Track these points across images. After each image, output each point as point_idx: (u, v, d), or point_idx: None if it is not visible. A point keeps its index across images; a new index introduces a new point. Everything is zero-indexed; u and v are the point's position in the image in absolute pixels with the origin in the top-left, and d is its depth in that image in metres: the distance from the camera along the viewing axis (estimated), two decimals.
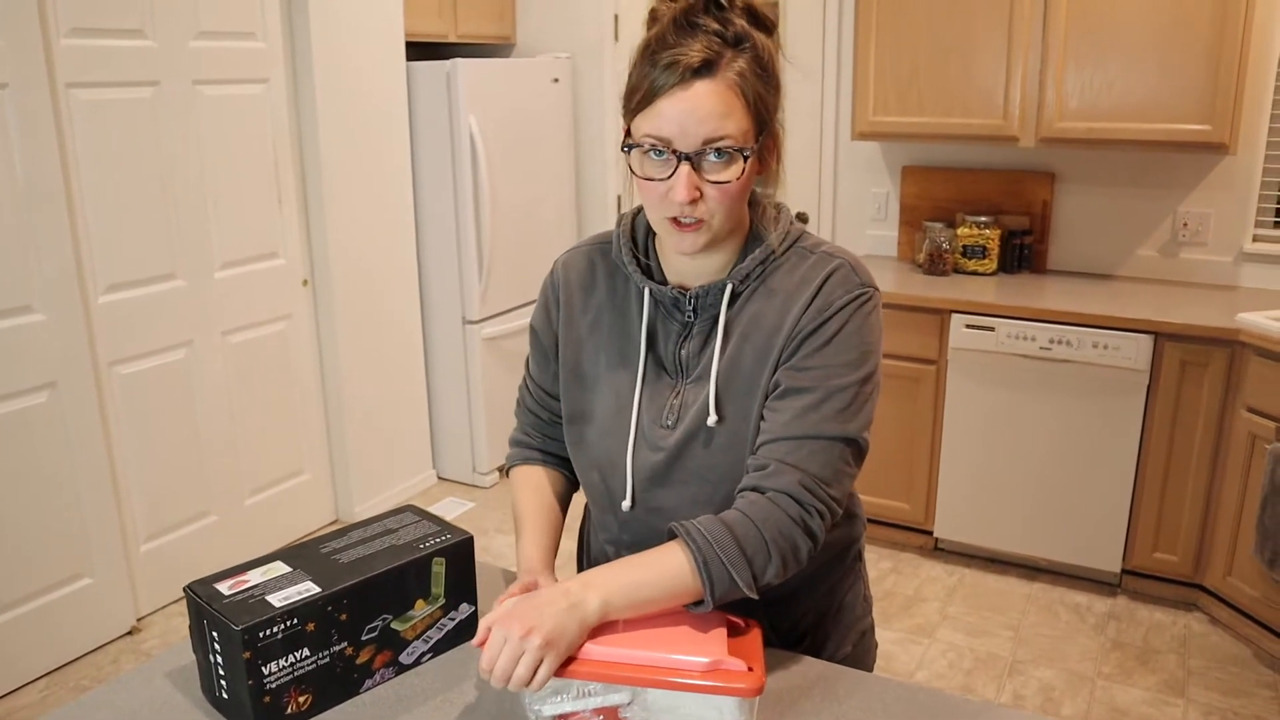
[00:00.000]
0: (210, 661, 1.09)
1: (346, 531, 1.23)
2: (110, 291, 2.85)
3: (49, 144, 2.62)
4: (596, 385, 1.24)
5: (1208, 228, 3.32)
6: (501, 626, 0.99)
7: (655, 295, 1.20)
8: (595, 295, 1.25)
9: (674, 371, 1.20)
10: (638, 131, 1.07)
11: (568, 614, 1.00)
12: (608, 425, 1.22)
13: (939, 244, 3.48)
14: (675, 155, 1.05)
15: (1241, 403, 2.79)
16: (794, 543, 1.08)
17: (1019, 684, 2.70)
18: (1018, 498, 3.19)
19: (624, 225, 1.25)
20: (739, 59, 1.05)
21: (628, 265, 1.21)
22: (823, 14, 3.81)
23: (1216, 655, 2.82)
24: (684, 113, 1.03)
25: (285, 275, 3.40)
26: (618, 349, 1.22)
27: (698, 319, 1.18)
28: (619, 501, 1.22)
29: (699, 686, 0.98)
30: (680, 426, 1.17)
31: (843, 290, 1.12)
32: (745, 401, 1.15)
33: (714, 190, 1.07)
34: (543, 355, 1.31)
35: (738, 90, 1.05)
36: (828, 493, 1.09)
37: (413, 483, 3.98)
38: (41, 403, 2.68)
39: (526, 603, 1.02)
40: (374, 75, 3.52)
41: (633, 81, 1.08)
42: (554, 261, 1.31)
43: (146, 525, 3.05)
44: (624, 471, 1.21)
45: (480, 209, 3.72)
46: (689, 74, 1.03)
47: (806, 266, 1.15)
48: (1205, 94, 2.95)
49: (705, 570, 1.04)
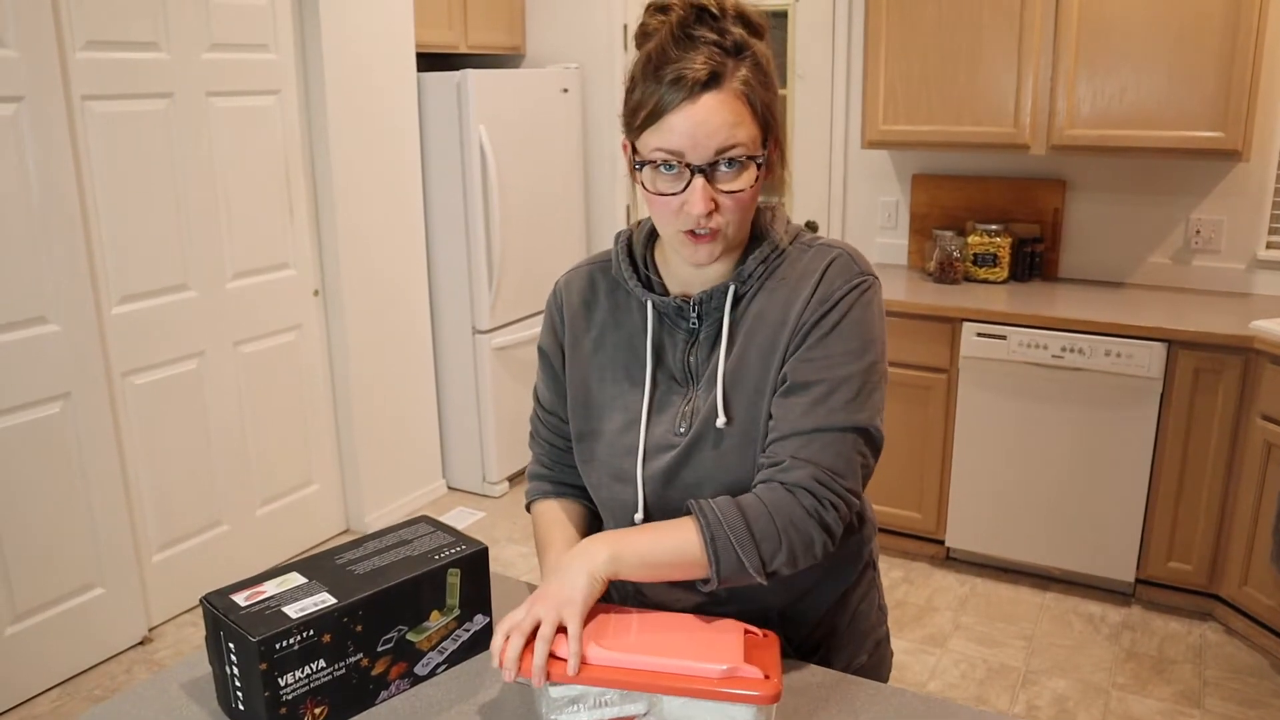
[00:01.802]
0: (226, 673, 1.09)
1: (362, 542, 1.23)
2: (124, 302, 2.87)
3: (64, 156, 2.64)
4: (604, 401, 1.24)
5: (1220, 235, 3.31)
6: (530, 606, 1.04)
7: (658, 307, 1.20)
8: (598, 312, 1.26)
9: (684, 380, 1.20)
10: (646, 148, 1.07)
11: (573, 565, 1.04)
12: (616, 440, 1.22)
13: (949, 252, 3.47)
14: (688, 168, 1.05)
15: (1256, 410, 2.78)
16: (808, 535, 1.08)
17: (1033, 694, 2.68)
18: (1030, 507, 3.18)
19: (621, 241, 1.25)
20: (741, 67, 1.05)
21: (628, 280, 1.22)
22: (832, 22, 3.82)
23: (1232, 665, 2.79)
24: (695, 125, 1.04)
25: (296, 286, 3.41)
26: (623, 364, 1.23)
27: (703, 324, 1.19)
28: (632, 513, 1.22)
29: (715, 694, 0.97)
30: (691, 432, 1.17)
31: (842, 279, 1.13)
32: (754, 400, 1.15)
33: (729, 200, 1.07)
34: (552, 377, 1.31)
35: (744, 99, 1.05)
36: (843, 485, 1.09)
37: (423, 492, 3.98)
38: (55, 413, 2.69)
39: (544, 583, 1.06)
40: (385, 86, 3.54)
41: (636, 99, 1.07)
42: (555, 282, 1.32)
43: (158, 535, 3.05)
44: (635, 483, 1.21)
45: (490, 219, 3.73)
46: (697, 87, 1.03)
47: (806, 259, 1.16)
48: (1218, 100, 2.94)
49: (712, 546, 1.06)
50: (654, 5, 1.09)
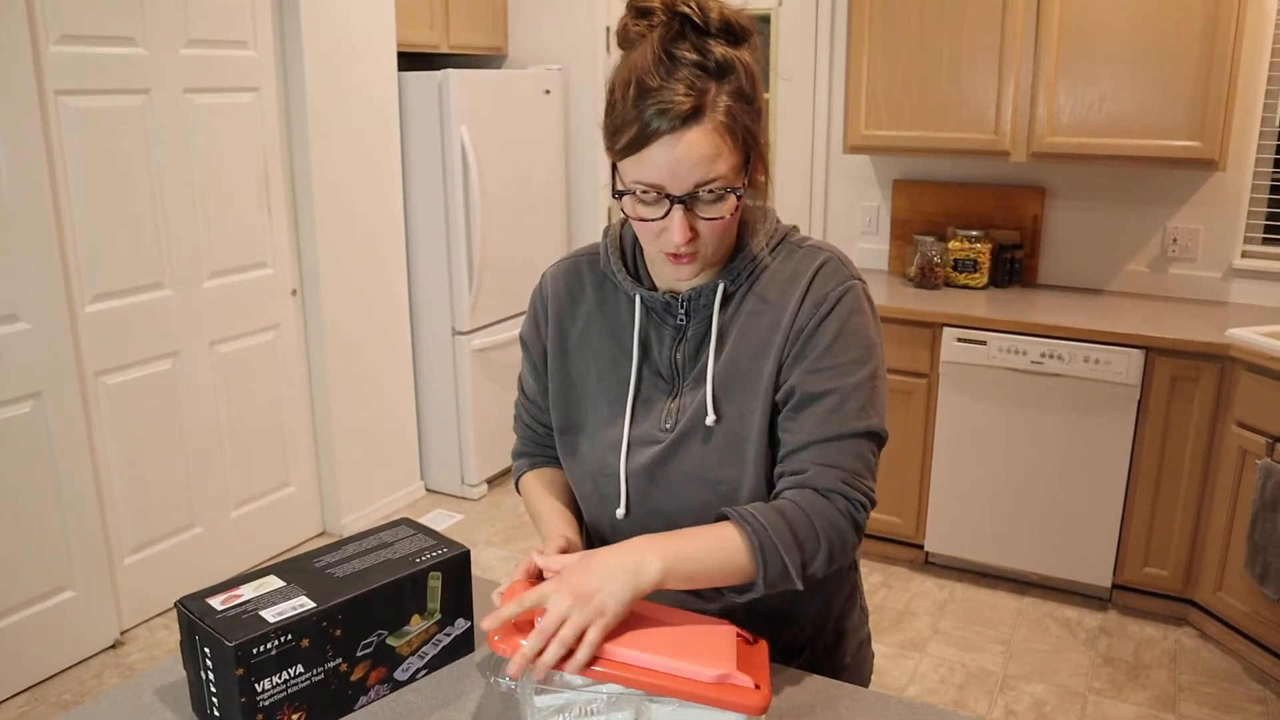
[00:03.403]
0: (202, 678, 1.06)
1: (341, 545, 1.21)
2: (97, 300, 2.82)
3: (37, 151, 2.59)
4: (588, 396, 1.24)
5: (1197, 243, 3.34)
6: (563, 597, 0.99)
7: (647, 301, 1.20)
8: (584, 305, 1.25)
9: (670, 377, 1.20)
10: (627, 176, 1.06)
11: (620, 573, 1.01)
12: (600, 434, 1.22)
13: (930, 257, 3.48)
14: (668, 198, 1.05)
15: (1232, 418, 2.80)
16: (843, 536, 1.10)
17: (1011, 699, 2.69)
18: (1009, 511, 3.19)
19: (611, 235, 1.25)
20: (722, 94, 1.03)
21: (617, 274, 1.21)
22: (815, 27, 3.83)
23: (1207, 670, 2.81)
24: (675, 160, 1.02)
25: (274, 285, 3.37)
26: (609, 358, 1.22)
27: (691, 322, 1.18)
28: (613, 509, 1.21)
29: (705, 698, 0.96)
30: (677, 429, 1.17)
31: (835, 284, 1.14)
32: (743, 401, 1.15)
33: (707, 226, 1.08)
34: (533, 368, 1.32)
35: (725, 130, 1.03)
36: (865, 484, 1.13)
37: (401, 495, 3.95)
38: (26, 412, 2.65)
39: (583, 570, 1.02)
40: (365, 85, 3.51)
41: (617, 120, 1.05)
42: (541, 274, 1.31)
43: (131, 537, 3.01)
44: (618, 478, 1.20)
45: (471, 220, 3.71)
46: (677, 121, 1.01)
47: (796, 261, 1.17)
48: (1195, 110, 2.97)
49: (760, 553, 1.06)
50: (635, 8, 1.07)
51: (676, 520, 1.17)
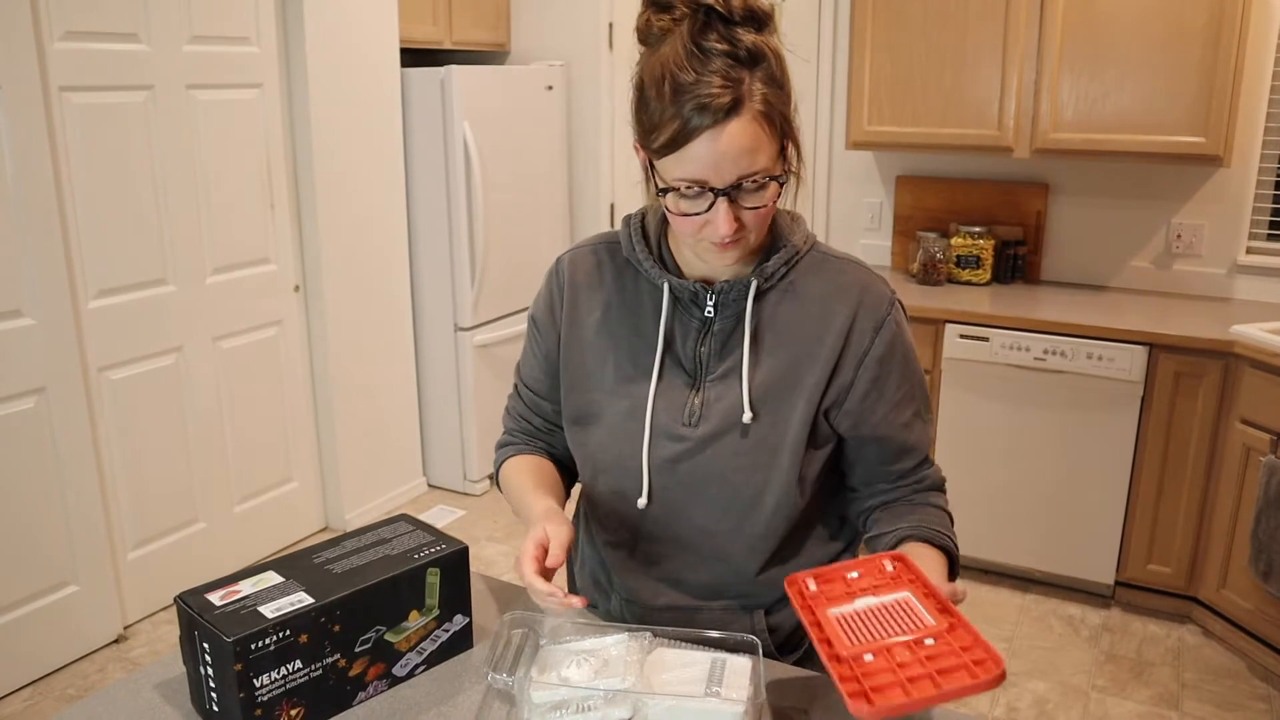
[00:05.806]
0: (201, 673, 1.07)
1: (340, 541, 1.21)
2: (101, 296, 2.83)
3: (41, 147, 2.60)
4: (605, 385, 1.22)
5: (1201, 240, 3.33)
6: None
7: (675, 290, 1.18)
8: (602, 293, 1.23)
9: (693, 370, 1.18)
10: (668, 174, 1.05)
11: None
12: (619, 425, 1.20)
13: (933, 254, 3.48)
14: (711, 191, 1.04)
15: (1236, 415, 2.79)
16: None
17: (1013, 696, 2.69)
18: (1011, 508, 3.19)
19: (634, 223, 1.23)
20: (756, 81, 1.02)
21: (644, 262, 1.20)
22: (817, 23, 3.82)
23: (1210, 668, 2.81)
24: (719, 155, 1.02)
25: (277, 281, 3.38)
26: (628, 348, 1.21)
27: (719, 315, 1.17)
28: (633, 499, 1.20)
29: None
30: (705, 425, 1.16)
31: (886, 303, 1.18)
32: (781, 404, 1.15)
33: (750, 215, 1.08)
34: (540, 351, 1.29)
35: (763, 119, 1.03)
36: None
37: (403, 490, 3.95)
38: (29, 408, 2.65)
39: None
40: (368, 81, 3.51)
41: (654, 118, 1.03)
42: (557, 258, 1.29)
43: (134, 532, 3.02)
44: (638, 470, 1.19)
45: (473, 216, 3.71)
46: (720, 114, 1.00)
47: (831, 272, 1.19)
48: (1199, 106, 2.96)
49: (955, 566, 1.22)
50: (655, 2, 1.05)
51: (698, 517, 1.16)
